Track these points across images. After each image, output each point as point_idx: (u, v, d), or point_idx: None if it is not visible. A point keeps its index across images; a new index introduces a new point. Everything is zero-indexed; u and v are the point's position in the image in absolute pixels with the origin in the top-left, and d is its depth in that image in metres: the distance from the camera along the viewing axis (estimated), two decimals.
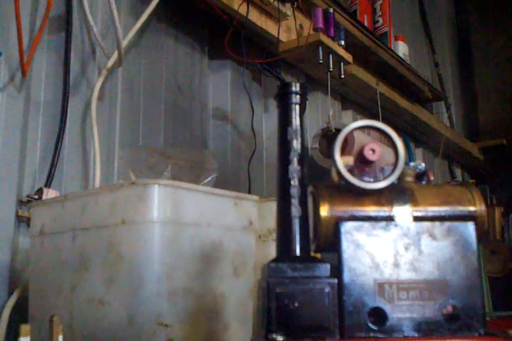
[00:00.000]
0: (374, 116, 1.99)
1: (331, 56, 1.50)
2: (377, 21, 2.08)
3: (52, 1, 1.02)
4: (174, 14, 1.39)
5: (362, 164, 0.54)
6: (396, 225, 0.52)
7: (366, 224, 0.52)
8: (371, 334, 0.49)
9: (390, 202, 0.54)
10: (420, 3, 2.84)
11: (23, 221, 0.97)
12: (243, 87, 1.47)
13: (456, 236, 0.52)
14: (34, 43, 1.01)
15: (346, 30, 1.64)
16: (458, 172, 2.90)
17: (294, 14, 1.47)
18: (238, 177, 1.43)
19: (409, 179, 0.59)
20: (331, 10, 1.51)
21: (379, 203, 0.54)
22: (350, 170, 0.52)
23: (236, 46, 1.37)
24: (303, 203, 0.53)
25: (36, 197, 0.97)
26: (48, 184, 1.01)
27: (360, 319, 0.50)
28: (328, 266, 0.51)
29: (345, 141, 0.53)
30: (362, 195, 0.54)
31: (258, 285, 0.52)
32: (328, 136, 1.53)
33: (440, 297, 0.50)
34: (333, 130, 1.49)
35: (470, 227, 0.52)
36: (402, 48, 2.19)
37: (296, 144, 0.54)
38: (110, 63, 1.15)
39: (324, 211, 0.53)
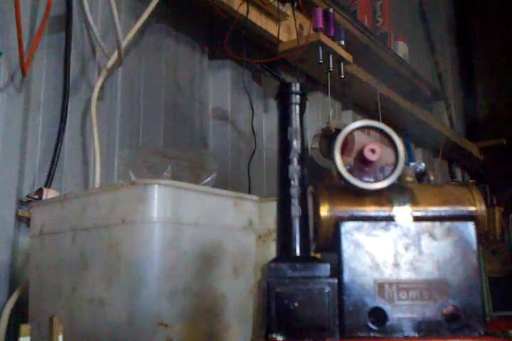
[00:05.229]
0: (374, 116, 1.99)
1: (331, 56, 1.50)
2: (377, 21, 2.08)
3: (52, 1, 1.02)
4: (174, 14, 1.38)
5: (362, 164, 0.54)
6: (396, 225, 0.52)
7: (366, 224, 0.52)
8: (371, 334, 0.49)
9: (390, 202, 0.54)
10: (420, 3, 2.84)
11: (23, 221, 0.97)
12: (243, 87, 1.47)
13: (456, 236, 0.52)
14: (34, 43, 1.01)
15: (346, 30, 1.64)
16: (458, 172, 2.90)
17: (294, 14, 1.48)
18: (238, 177, 1.43)
19: (409, 179, 0.59)
20: (331, 10, 1.51)
21: (379, 203, 0.54)
22: (350, 170, 0.53)
23: (236, 46, 1.37)
24: (303, 203, 0.53)
25: (36, 197, 0.97)
26: (47, 184, 1.01)
27: (360, 319, 0.50)
28: (328, 266, 0.51)
29: (345, 141, 0.53)
30: (362, 195, 0.54)
31: (258, 285, 0.52)
32: (328, 136, 1.53)
33: (440, 297, 0.51)
34: (333, 130, 1.49)
35: (470, 227, 0.52)
36: (402, 48, 2.19)
37: (296, 144, 0.54)
38: (110, 63, 1.15)
39: (324, 211, 0.53)
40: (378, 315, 0.50)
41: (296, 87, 0.56)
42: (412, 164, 0.61)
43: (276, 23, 1.45)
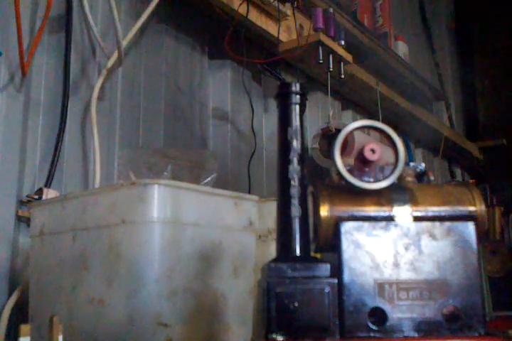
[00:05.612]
0: (374, 116, 1.99)
1: (331, 56, 1.50)
2: (377, 21, 2.08)
3: (52, 1, 1.02)
4: (174, 14, 1.38)
5: (362, 164, 0.54)
6: (396, 225, 0.52)
7: (366, 224, 0.52)
8: (371, 334, 0.49)
9: (390, 202, 0.54)
10: (420, 3, 2.84)
11: (23, 221, 0.97)
12: (243, 87, 1.47)
13: (456, 236, 0.52)
14: (34, 43, 1.01)
15: (346, 30, 1.64)
16: (458, 172, 2.90)
17: (294, 14, 1.47)
18: (238, 177, 1.43)
19: (409, 179, 0.59)
20: (331, 10, 1.51)
21: (379, 203, 0.54)
22: (350, 170, 0.53)
23: (236, 46, 1.37)
24: (303, 203, 0.53)
25: (36, 197, 0.97)
26: (47, 184, 1.01)
27: (360, 319, 0.50)
28: (328, 266, 0.51)
29: (345, 141, 0.53)
30: (362, 195, 0.54)
31: (258, 285, 0.52)
32: (328, 136, 1.53)
33: (440, 297, 0.51)
34: (333, 130, 1.49)
35: (470, 227, 0.52)
36: (402, 48, 2.19)
37: (296, 144, 0.54)
38: (110, 63, 1.15)
39: (324, 211, 0.53)
40: (378, 315, 0.50)
41: (296, 87, 0.56)
42: (412, 164, 0.61)
43: (276, 23, 1.45)
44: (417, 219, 0.53)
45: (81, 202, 0.78)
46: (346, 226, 0.52)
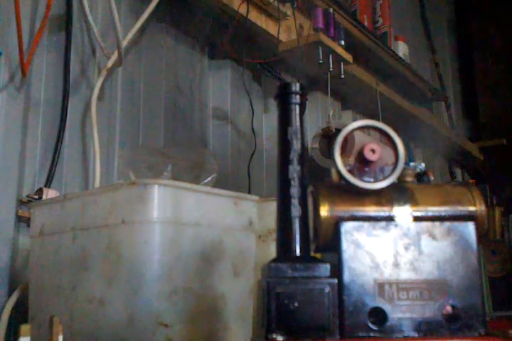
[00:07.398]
0: (374, 116, 1.99)
1: (330, 56, 1.49)
2: (377, 21, 2.08)
3: (52, 1, 1.02)
4: (174, 14, 1.38)
5: (362, 164, 0.54)
6: (396, 225, 0.52)
7: (366, 224, 0.52)
8: (371, 334, 0.49)
9: (390, 202, 0.54)
10: (420, 3, 2.84)
11: (23, 221, 0.97)
12: (243, 87, 1.47)
13: (456, 236, 0.52)
14: (34, 43, 1.01)
15: (346, 30, 1.64)
16: (458, 172, 2.90)
17: (294, 14, 1.47)
18: (238, 177, 1.43)
19: (409, 179, 0.59)
20: (331, 10, 1.51)
21: (379, 203, 0.54)
22: (350, 170, 0.52)
23: (236, 46, 1.37)
24: (303, 203, 0.53)
25: (36, 197, 0.97)
26: (47, 184, 1.01)
27: (360, 319, 0.50)
28: (328, 266, 0.51)
29: (345, 141, 0.53)
30: (362, 195, 0.54)
31: (258, 285, 0.52)
32: (328, 136, 1.53)
33: (440, 297, 0.51)
34: (333, 130, 1.49)
35: (470, 227, 0.52)
36: (402, 48, 2.19)
37: (296, 144, 0.54)
38: (110, 63, 1.15)
39: (324, 211, 0.53)
40: (378, 315, 0.50)
41: (296, 87, 0.56)
42: (412, 164, 0.61)
43: (276, 23, 1.45)
44: (417, 219, 0.53)
45: (81, 202, 0.78)
46: (346, 226, 0.52)
